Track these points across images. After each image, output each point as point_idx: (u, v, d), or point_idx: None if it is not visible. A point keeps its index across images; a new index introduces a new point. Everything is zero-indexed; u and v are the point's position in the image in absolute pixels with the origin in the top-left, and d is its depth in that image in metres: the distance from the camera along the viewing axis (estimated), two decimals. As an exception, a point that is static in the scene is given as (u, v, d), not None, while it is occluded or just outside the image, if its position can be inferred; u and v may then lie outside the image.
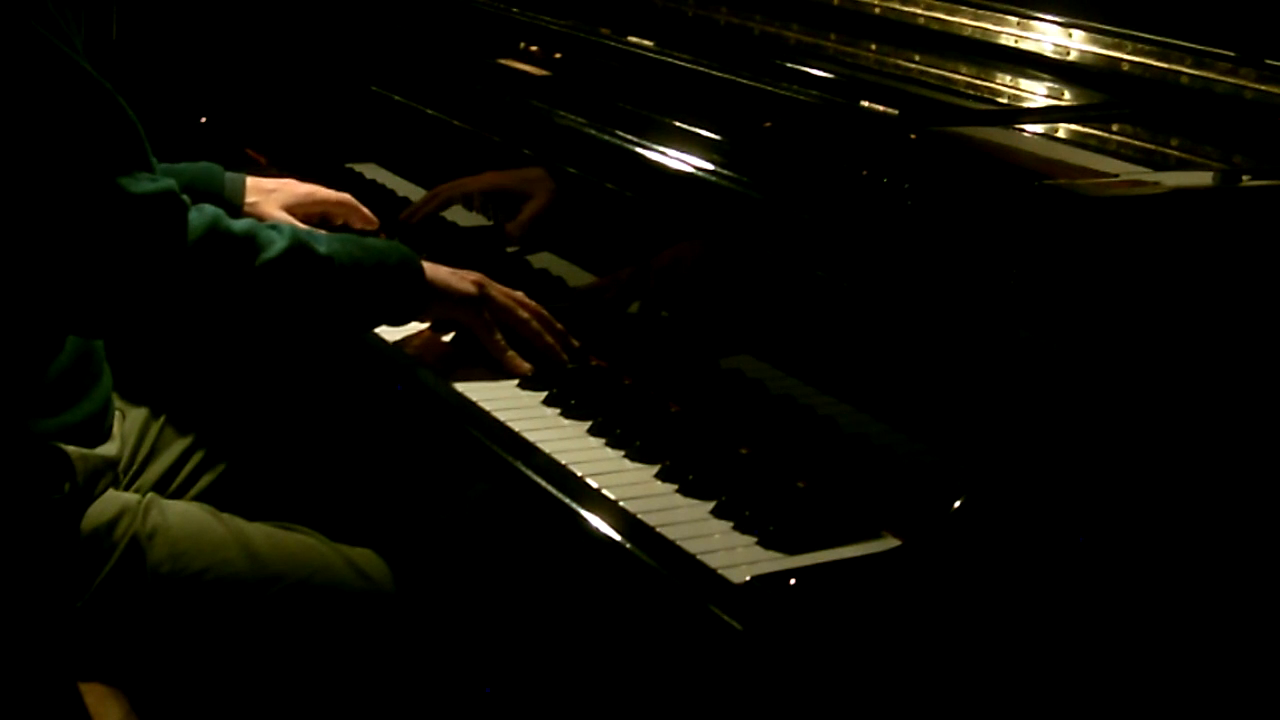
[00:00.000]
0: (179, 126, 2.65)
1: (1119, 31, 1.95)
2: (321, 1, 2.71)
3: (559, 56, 2.31)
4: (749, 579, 1.33)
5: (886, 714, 1.37)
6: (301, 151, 2.59)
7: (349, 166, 2.52)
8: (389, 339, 1.85)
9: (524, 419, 1.66)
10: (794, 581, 1.31)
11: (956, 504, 1.35)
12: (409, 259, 1.77)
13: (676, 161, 1.79)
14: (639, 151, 1.84)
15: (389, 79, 2.40)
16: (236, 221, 1.64)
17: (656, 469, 1.54)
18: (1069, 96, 2.00)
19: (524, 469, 1.56)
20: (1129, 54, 1.94)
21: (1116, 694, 1.49)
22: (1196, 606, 1.52)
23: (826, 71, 2.15)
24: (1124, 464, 1.45)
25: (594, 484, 1.52)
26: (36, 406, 1.66)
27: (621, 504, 1.48)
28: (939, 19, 2.19)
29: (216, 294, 1.61)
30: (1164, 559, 1.49)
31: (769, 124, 1.87)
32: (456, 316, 1.81)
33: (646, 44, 2.16)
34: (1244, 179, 1.68)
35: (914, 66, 2.20)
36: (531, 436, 1.62)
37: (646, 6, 2.63)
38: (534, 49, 2.35)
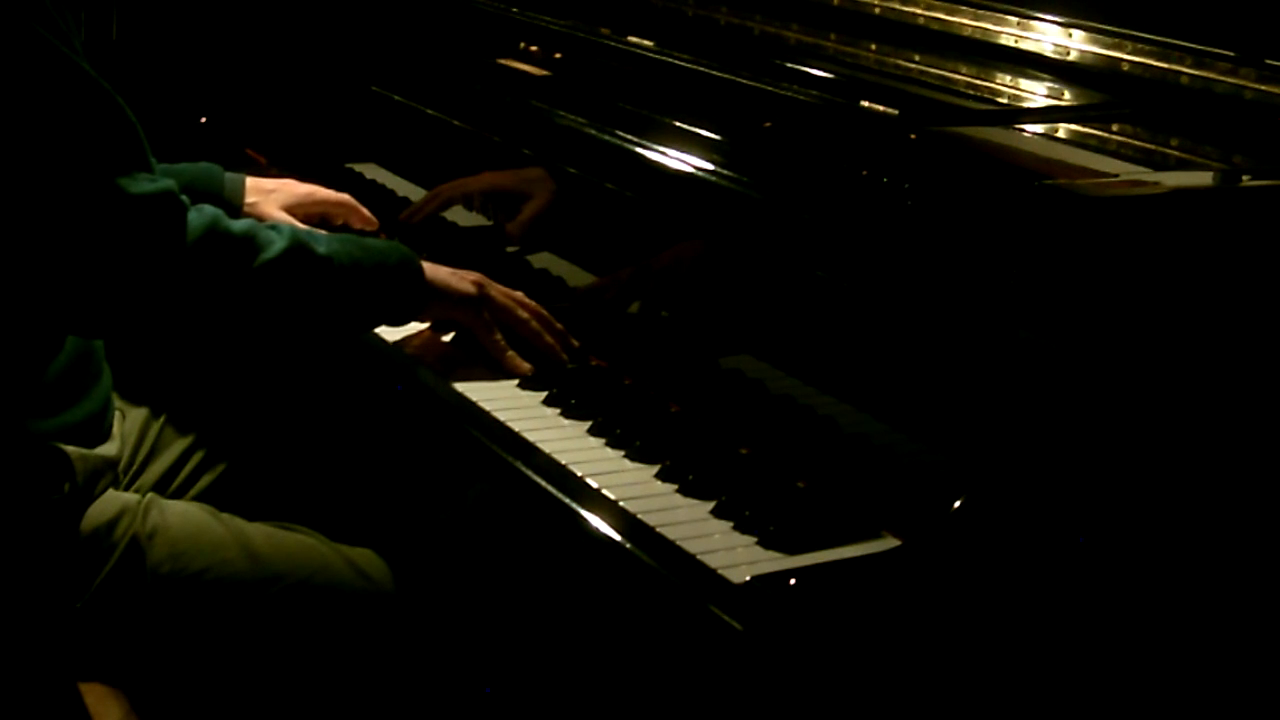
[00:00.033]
0: (179, 126, 2.65)
1: (1119, 31, 1.95)
2: (321, 1, 2.71)
3: (559, 56, 2.31)
4: (749, 579, 1.32)
5: (886, 714, 1.36)
6: (301, 151, 2.59)
7: (349, 166, 2.52)
8: (389, 339, 1.85)
9: (524, 419, 1.66)
10: (794, 581, 1.31)
11: (956, 504, 1.35)
12: (408, 259, 1.76)
13: (676, 161, 1.79)
14: (639, 151, 1.84)
15: (389, 79, 2.40)
16: (236, 222, 1.64)
17: (656, 469, 1.54)
18: (1069, 96, 2.00)
19: (524, 469, 1.56)
20: (1129, 54, 1.94)
21: (1116, 694, 1.49)
22: (1196, 606, 1.51)
23: (826, 71, 2.15)
24: (1124, 464, 1.45)
25: (594, 484, 1.52)
26: (36, 406, 1.66)
27: (621, 504, 1.48)
28: (939, 19, 2.19)
29: (216, 294, 1.61)
30: (1164, 559, 1.48)
31: (769, 124, 1.87)
32: (456, 316, 1.81)
33: (646, 44, 2.16)
34: (1244, 179, 1.68)
35: (914, 66, 2.19)
36: (531, 436, 1.62)
37: (646, 6, 2.63)
38: (534, 49, 2.35)
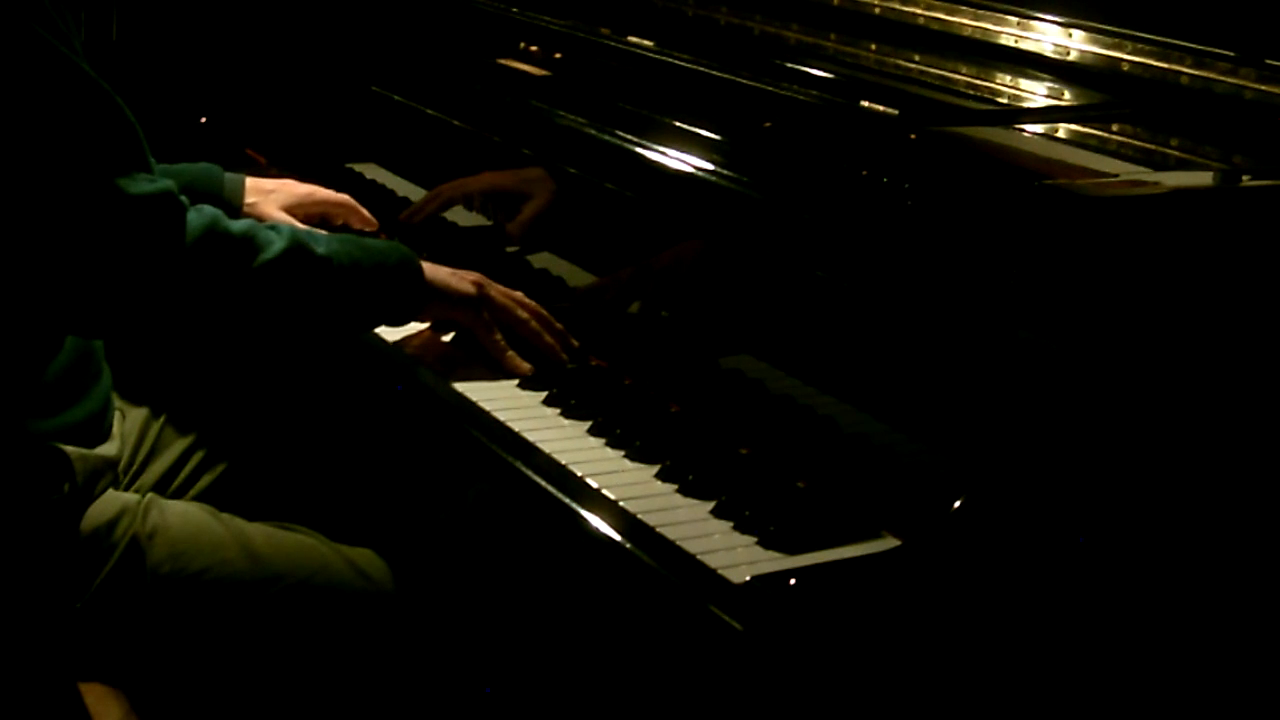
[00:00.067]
0: (179, 126, 2.65)
1: (1119, 31, 1.95)
2: (321, 1, 2.71)
3: (559, 56, 2.31)
4: (749, 579, 1.32)
5: (886, 714, 1.36)
6: (301, 151, 2.59)
7: (349, 166, 2.52)
8: (389, 339, 1.85)
9: (524, 419, 1.66)
10: (794, 581, 1.31)
11: (956, 504, 1.35)
12: (408, 259, 1.76)
13: (676, 161, 1.78)
14: (639, 151, 1.84)
15: (389, 79, 2.40)
16: (235, 222, 1.64)
17: (656, 469, 1.54)
18: (1069, 96, 2.00)
19: (524, 469, 1.56)
20: (1129, 54, 1.94)
21: (1116, 694, 1.49)
22: (1196, 606, 1.51)
23: (826, 71, 2.15)
24: (1124, 464, 1.45)
25: (594, 484, 1.52)
26: (36, 406, 1.66)
27: (621, 504, 1.48)
28: (939, 19, 2.19)
29: (215, 294, 1.61)
30: (1164, 559, 1.48)
31: (769, 124, 1.87)
32: (456, 317, 1.81)
33: (646, 44, 2.16)
34: (1244, 179, 1.68)
35: (914, 66, 2.19)
36: (531, 436, 1.62)
37: (646, 6, 2.63)
38: (534, 49, 2.35)
